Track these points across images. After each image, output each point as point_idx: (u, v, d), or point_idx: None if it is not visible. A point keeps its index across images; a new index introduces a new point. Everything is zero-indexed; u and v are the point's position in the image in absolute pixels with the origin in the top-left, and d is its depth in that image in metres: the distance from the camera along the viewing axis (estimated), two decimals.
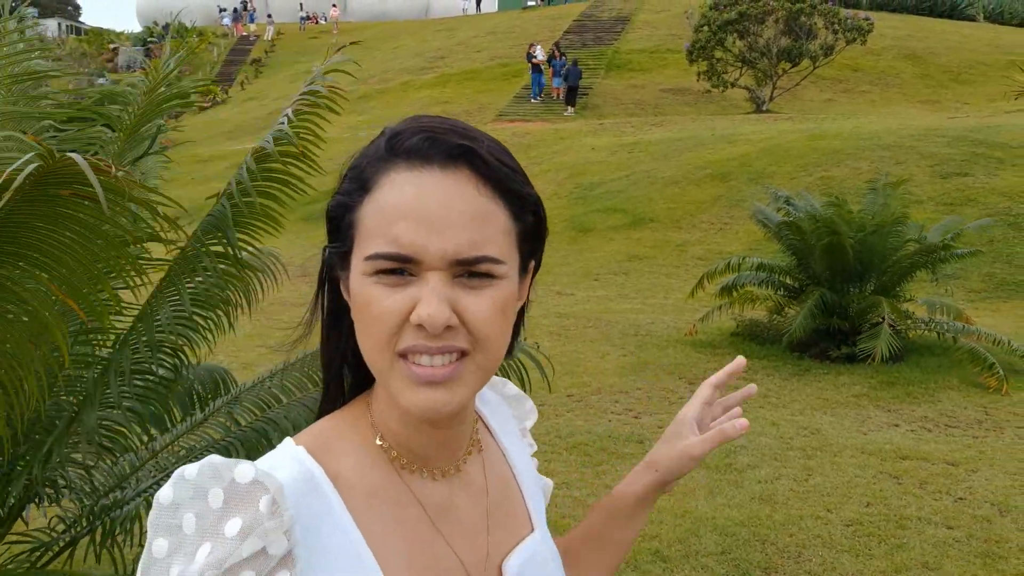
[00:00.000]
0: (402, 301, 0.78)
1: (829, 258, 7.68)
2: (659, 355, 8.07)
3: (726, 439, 1.05)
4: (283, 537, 0.76)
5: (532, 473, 1.05)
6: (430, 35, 38.47)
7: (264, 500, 0.75)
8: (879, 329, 7.09)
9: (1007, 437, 5.89)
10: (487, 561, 0.91)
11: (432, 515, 0.88)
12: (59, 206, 1.73)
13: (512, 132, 21.37)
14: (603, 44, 31.00)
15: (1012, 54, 26.96)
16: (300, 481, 0.81)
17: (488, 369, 0.83)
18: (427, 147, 0.80)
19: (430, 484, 0.89)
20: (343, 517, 0.82)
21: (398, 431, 0.87)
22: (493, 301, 0.80)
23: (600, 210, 14.98)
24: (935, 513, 4.64)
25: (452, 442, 0.90)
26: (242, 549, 0.74)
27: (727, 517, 4.60)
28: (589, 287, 11.82)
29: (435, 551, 0.87)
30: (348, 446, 0.87)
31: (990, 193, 12.56)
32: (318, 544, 0.79)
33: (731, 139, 17.10)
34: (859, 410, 6.56)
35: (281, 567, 0.76)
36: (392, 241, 0.78)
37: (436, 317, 0.76)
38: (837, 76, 26.63)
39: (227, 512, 0.75)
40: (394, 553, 0.83)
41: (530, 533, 0.97)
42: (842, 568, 4.05)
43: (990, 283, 10.71)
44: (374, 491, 0.85)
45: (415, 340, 0.78)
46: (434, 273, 0.78)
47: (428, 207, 0.78)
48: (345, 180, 0.84)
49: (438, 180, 0.79)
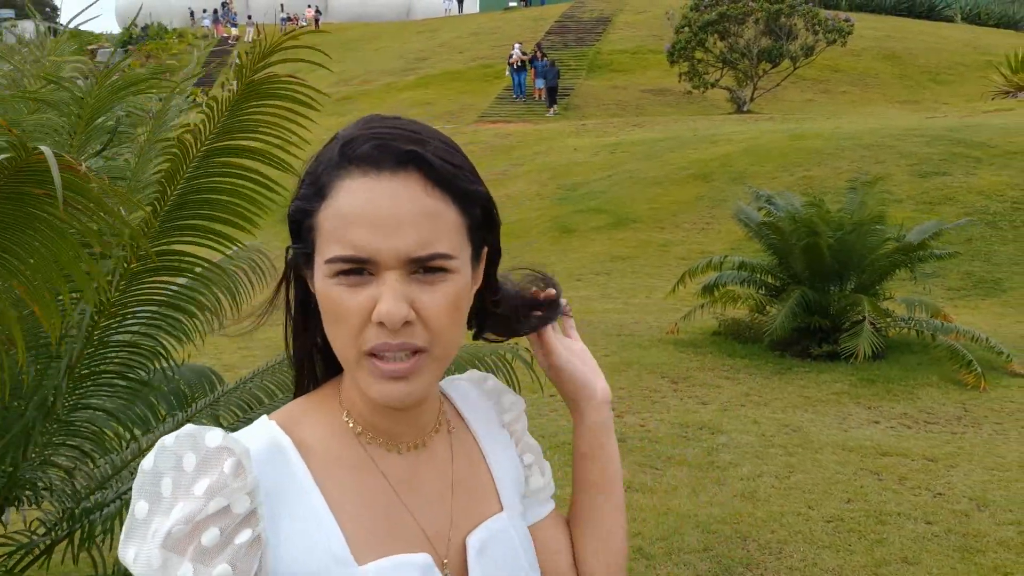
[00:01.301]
0: (363, 301, 0.84)
1: (808, 257, 7.73)
2: (641, 354, 8.10)
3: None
4: (246, 497, 0.83)
5: (511, 461, 1.07)
6: (412, 36, 38.44)
7: (229, 463, 0.83)
8: (861, 327, 7.15)
9: (985, 433, 5.96)
10: (451, 531, 0.96)
11: (395, 485, 0.93)
12: (32, 207, 1.71)
13: (494, 133, 21.40)
14: (585, 45, 31.09)
15: (989, 55, 27.23)
16: (268, 449, 0.88)
17: (444, 358, 0.89)
18: (377, 154, 0.85)
19: (394, 457, 0.95)
20: (307, 482, 0.88)
21: (364, 411, 0.93)
22: (446, 295, 0.86)
23: (582, 211, 15.02)
24: (914, 508, 4.68)
25: (416, 420, 0.96)
26: (208, 506, 0.81)
27: (709, 515, 4.63)
28: (572, 288, 11.84)
29: (396, 518, 0.92)
30: (316, 421, 0.94)
31: (968, 192, 12.69)
32: (281, 505, 0.86)
33: (713, 139, 17.19)
34: (840, 407, 6.61)
35: (244, 525, 0.83)
36: (348, 245, 0.83)
37: (394, 314, 0.82)
38: (817, 76, 26.83)
39: (198, 474, 0.82)
40: (355, 516, 0.89)
41: (497, 512, 1.01)
42: (823, 564, 4.08)
43: (969, 281, 10.82)
44: (338, 459, 0.91)
45: (378, 340, 0.84)
46: (390, 272, 0.84)
47: (380, 211, 0.83)
48: (303, 185, 0.90)
49: (388, 185, 0.84)
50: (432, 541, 0.94)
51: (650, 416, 6.37)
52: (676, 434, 5.96)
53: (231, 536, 0.82)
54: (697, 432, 6.01)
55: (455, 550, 0.96)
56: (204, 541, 0.81)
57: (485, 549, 0.97)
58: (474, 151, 20.03)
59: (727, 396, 6.91)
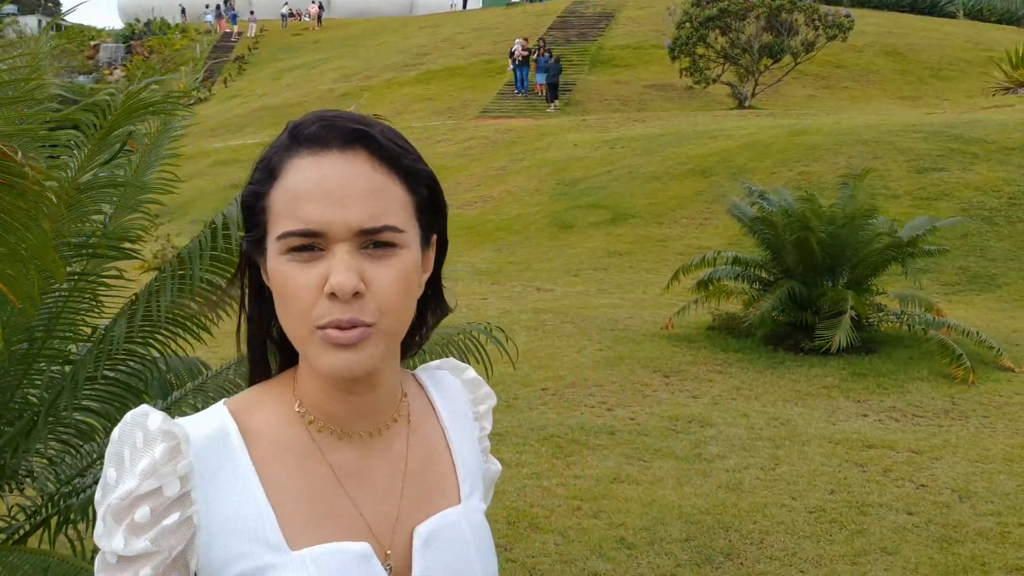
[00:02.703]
0: (315, 275, 0.86)
1: (800, 252, 7.77)
2: (635, 349, 8.14)
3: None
4: (177, 481, 0.88)
5: (474, 453, 1.09)
6: (414, 31, 38.45)
7: (162, 447, 0.88)
8: (840, 320, 7.20)
9: (972, 426, 5.99)
10: (397, 524, 0.96)
11: (339, 474, 0.94)
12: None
13: (495, 128, 21.42)
14: (587, 40, 31.08)
15: (991, 51, 27.17)
16: (211, 435, 0.92)
17: (393, 334, 0.92)
18: (325, 133, 0.89)
19: (344, 446, 0.96)
20: (247, 468, 0.91)
21: (317, 397, 0.95)
22: (396, 269, 0.88)
23: (581, 206, 15.05)
24: (897, 500, 4.73)
25: (368, 408, 0.97)
26: (142, 486, 0.87)
27: (693, 505, 4.68)
28: (568, 283, 11.89)
29: (337, 506, 0.93)
30: (268, 408, 0.96)
31: (964, 188, 12.70)
32: (218, 490, 0.90)
33: (712, 135, 17.20)
34: (829, 401, 6.65)
35: (174, 507, 0.88)
36: (300, 219, 0.86)
37: (345, 284, 0.84)
38: (818, 72, 26.80)
39: (142, 452, 0.88)
40: (295, 503, 0.91)
41: (454, 505, 1.02)
42: (803, 553, 4.13)
43: (963, 276, 10.84)
44: (285, 447, 0.94)
45: (329, 315, 0.86)
46: (341, 245, 0.86)
47: (330, 185, 0.87)
48: (256, 171, 0.93)
49: (337, 161, 0.88)
50: (375, 531, 0.95)
51: (640, 409, 6.41)
52: (665, 427, 6.01)
53: (160, 516, 0.87)
54: (686, 425, 6.05)
55: (401, 542, 0.96)
56: (136, 517, 0.87)
57: (432, 541, 0.97)
58: (474, 146, 20.08)
59: (718, 390, 6.96)
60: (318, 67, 34.79)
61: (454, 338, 3.05)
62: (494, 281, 12.00)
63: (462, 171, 18.34)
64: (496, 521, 4.45)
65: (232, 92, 34.68)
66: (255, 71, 37.51)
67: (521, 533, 4.35)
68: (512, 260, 13.35)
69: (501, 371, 6.08)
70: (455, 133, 21.46)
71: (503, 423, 6.01)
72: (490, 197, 16.57)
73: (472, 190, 17.15)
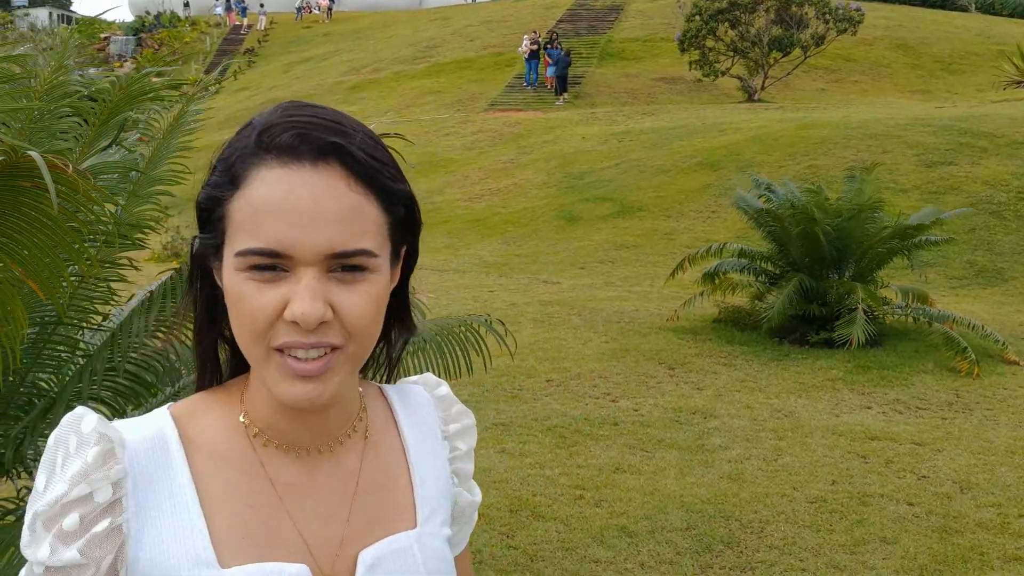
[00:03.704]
0: (275, 298, 0.80)
1: (806, 245, 7.79)
2: (640, 341, 8.17)
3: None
4: (109, 487, 0.83)
5: (440, 474, 1.02)
6: (424, 24, 38.43)
7: (95, 451, 0.83)
8: (855, 315, 7.21)
9: (975, 418, 6.01)
10: (341, 547, 0.90)
11: (281, 491, 0.89)
12: (22, 196, 1.84)
13: (503, 121, 21.44)
14: (596, 33, 31.01)
15: (1003, 44, 27.03)
16: (149, 440, 0.87)
17: (359, 358, 0.86)
18: (297, 143, 0.81)
19: (288, 462, 0.90)
20: (183, 478, 0.86)
21: (264, 412, 0.89)
22: (367, 295, 0.82)
23: (589, 199, 15.07)
24: (898, 491, 4.76)
25: (320, 426, 0.91)
26: (72, 492, 0.82)
27: (695, 495, 4.71)
28: (575, 275, 11.92)
29: (275, 525, 0.88)
30: (212, 417, 0.90)
31: (973, 182, 12.67)
32: (152, 498, 0.85)
33: (721, 128, 17.19)
34: (834, 393, 6.67)
35: (105, 513, 0.83)
36: (262, 238, 0.79)
37: (310, 315, 0.78)
38: (829, 66, 26.70)
39: (75, 456, 0.83)
40: (230, 519, 0.86)
41: (407, 529, 0.95)
42: (802, 542, 4.16)
43: (971, 270, 10.83)
44: (224, 459, 0.88)
45: (288, 337, 0.80)
46: (307, 269, 0.79)
47: (299, 204, 0.79)
48: (215, 172, 0.85)
49: (308, 177, 0.80)
50: (314, 553, 0.88)
51: (644, 401, 6.45)
52: (669, 418, 6.04)
53: (90, 524, 0.82)
54: (690, 416, 6.08)
55: (345, 564, 0.90)
56: (65, 525, 0.82)
57: (376, 567, 0.90)
58: (482, 139, 20.10)
59: (723, 382, 6.98)
60: (328, 60, 34.83)
61: (454, 329, 3.08)
62: (501, 274, 12.04)
63: (470, 164, 18.38)
64: (498, 509, 4.50)
65: (241, 84, 34.76)
66: (265, 64, 37.59)
67: (523, 521, 4.39)
68: (519, 253, 13.38)
69: (506, 362, 6.13)
70: (463, 126, 21.48)
71: (507, 413, 6.06)
72: (498, 190, 16.59)
73: (480, 183, 17.18)
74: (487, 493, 4.71)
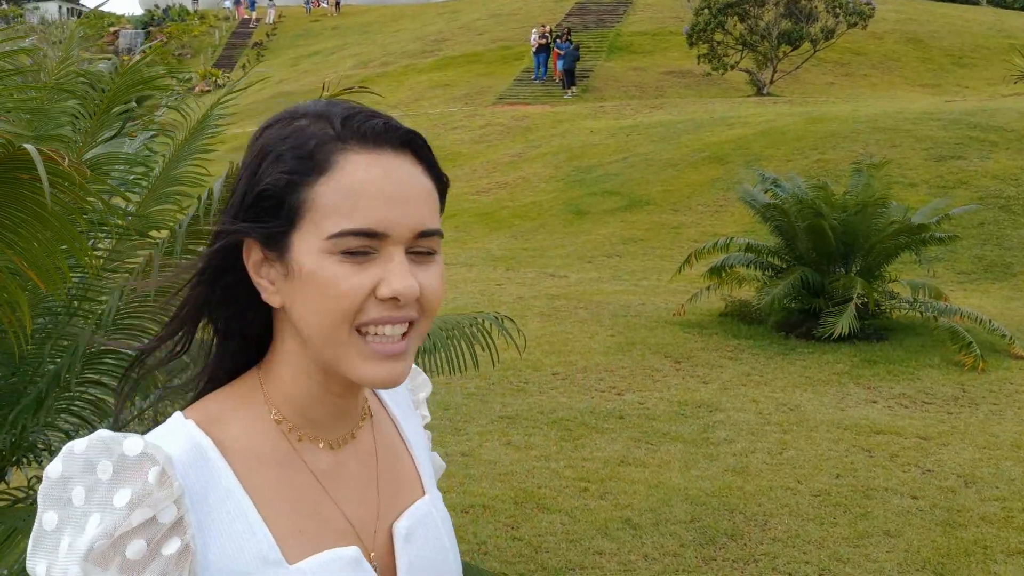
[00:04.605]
0: (368, 278, 0.83)
1: (813, 239, 7.78)
2: (647, 335, 8.19)
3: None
4: (173, 506, 0.81)
5: (423, 442, 1.08)
6: (432, 18, 38.44)
7: (153, 471, 0.80)
8: (846, 307, 7.22)
9: (981, 413, 6.01)
10: (377, 522, 0.95)
11: (322, 480, 0.92)
12: (22, 187, 1.86)
13: (511, 115, 21.43)
14: (605, 27, 30.95)
15: (1013, 38, 26.89)
16: (189, 452, 0.85)
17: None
18: (384, 131, 0.86)
19: (321, 452, 0.93)
20: (232, 483, 0.86)
21: (303, 404, 0.91)
22: (437, 274, 0.88)
23: (596, 193, 15.07)
24: (902, 484, 4.77)
25: (349, 412, 0.95)
26: (132, 518, 0.78)
27: (699, 488, 4.73)
28: (582, 269, 11.93)
29: (325, 513, 0.91)
30: (238, 418, 0.90)
31: (982, 176, 12.63)
32: (208, 510, 0.84)
33: (729, 122, 17.15)
34: (839, 387, 6.68)
35: (172, 533, 0.81)
36: (361, 218, 0.83)
37: (410, 290, 0.83)
38: (838, 59, 26.60)
39: (116, 483, 0.79)
40: (282, 514, 0.88)
41: (421, 497, 1.01)
42: (806, 535, 4.18)
43: (979, 265, 10.80)
44: (262, 457, 0.89)
45: (379, 313, 0.84)
46: (397, 248, 0.84)
47: (394, 186, 0.84)
48: (289, 159, 0.86)
49: (395, 162, 0.86)
50: (359, 533, 0.93)
51: (650, 394, 6.46)
52: (674, 412, 6.06)
53: (158, 547, 0.80)
54: (695, 410, 6.10)
55: (381, 540, 0.95)
56: (129, 554, 0.78)
57: (411, 536, 0.96)
58: (490, 133, 20.10)
59: (728, 376, 6.99)
60: (336, 53, 34.87)
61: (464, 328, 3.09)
62: (508, 267, 12.06)
63: (478, 158, 18.38)
64: (503, 501, 4.53)
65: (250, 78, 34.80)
66: (273, 57, 37.64)
67: (528, 513, 4.42)
68: (527, 247, 13.39)
69: (512, 356, 6.14)
70: (471, 120, 21.48)
71: (514, 407, 6.08)
72: (505, 184, 16.60)
73: (487, 176, 17.19)
74: (493, 485, 4.74)
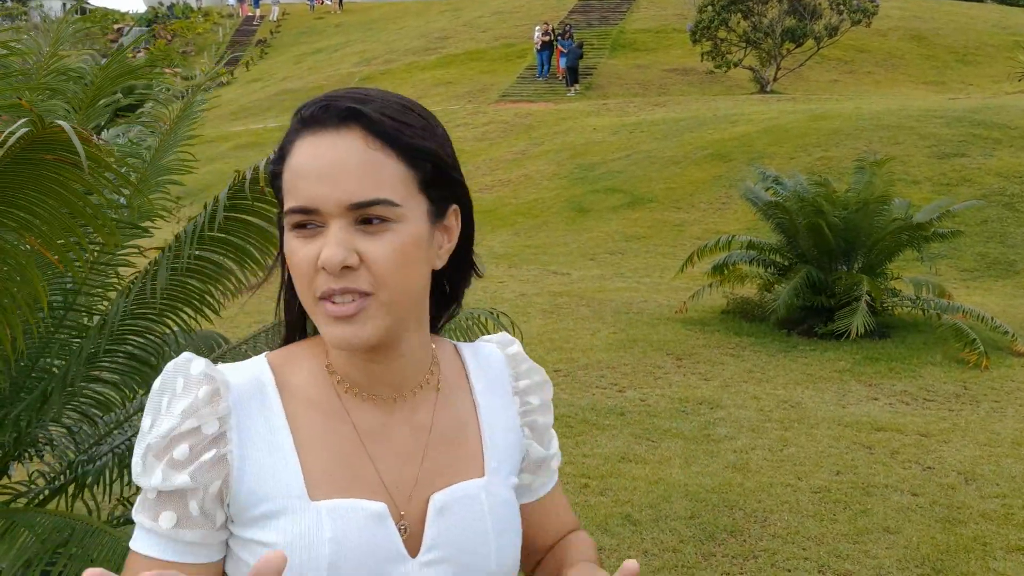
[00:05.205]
0: (312, 250, 0.91)
1: (814, 237, 7.78)
2: (649, 332, 8.19)
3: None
4: (216, 421, 0.94)
5: (510, 428, 1.10)
6: (435, 15, 38.43)
7: (204, 389, 0.94)
8: (857, 306, 7.21)
9: (983, 410, 6.01)
10: (415, 488, 1.00)
11: (362, 436, 0.99)
12: (44, 169, 1.88)
13: (515, 112, 21.42)
14: (608, 24, 30.93)
15: (1018, 35, 26.84)
16: (250, 383, 0.98)
17: (394, 304, 0.93)
18: (321, 113, 0.93)
19: (367, 409, 1.00)
20: (279, 419, 0.97)
21: (341, 361, 1.00)
22: (391, 244, 0.91)
23: (599, 190, 15.07)
24: (902, 481, 4.77)
25: (389, 375, 1.01)
26: (183, 425, 0.92)
27: (699, 484, 4.74)
28: (585, 267, 11.94)
29: (357, 464, 0.97)
30: (303, 365, 1.01)
31: (986, 174, 12.60)
32: (252, 436, 0.95)
33: (732, 119, 17.13)
34: (841, 384, 6.68)
35: (212, 445, 0.93)
36: (298, 196, 0.91)
37: (332, 258, 0.89)
38: (842, 57, 26.55)
39: (181, 396, 0.94)
40: (318, 457, 0.96)
41: (476, 478, 1.03)
42: (806, 531, 4.18)
43: (983, 262, 10.79)
44: (313, 403, 0.99)
45: (325, 284, 0.91)
46: (335, 221, 0.90)
47: (323, 164, 0.90)
48: (275, 152, 0.99)
49: (332, 140, 0.91)
50: (391, 492, 0.98)
51: (651, 391, 6.47)
52: (675, 408, 6.06)
53: (199, 453, 0.92)
54: (696, 407, 6.11)
55: (417, 505, 0.99)
56: (175, 454, 0.92)
57: (446, 510, 0.99)
58: (493, 130, 20.10)
59: (730, 373, 7.00)
60: (340, 51, 34.87)
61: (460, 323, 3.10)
62: (511, 264, 12.07)
63: (481, 155, 18.39)
64: None
65: (254, 76, 34.84)
66: (277, 55, 37.66)
67: None
68: (529, 244, 13.40)
69: None
70: (475, 117, 21.49)
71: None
72: (508, 181, 16.61)
73: (490, 174, 17.19)
74: None
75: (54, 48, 3.27)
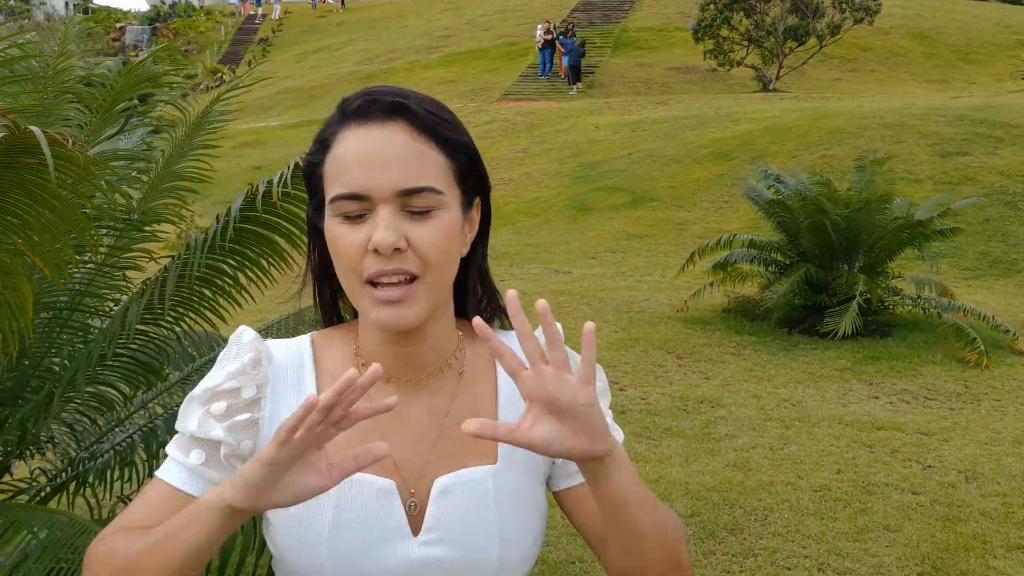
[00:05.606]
0: (361, 234, 0.97)
1: (815, 236, 7.78)
2: (649, 331, 8.20)
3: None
4: (254, 387, 1.04)
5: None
6: (437, 14, 38.42)
7: (248, 357, 1.05)
8: (849, 306, 7.22)
9: (983, 409, 6.01)
10: (424, 468, 1.05)
11: (379, 416, 1.00)
12: (27, 172, 1.88)
13: (517, 111, 21.42)
14: (610, 22, 30.94)
15: (1021, 34, 26.81)
16: (291, 358, 1.09)
17: (438, 287, 1.00)
18: (367, 106, 0.99)
19: (389, 390, 1.06)
20: (311, 391, 1.06)
21: (371, 344, 1.07)
22: (436, 228, 0.98)
23: (601, 189, 15.07)
24: (903, 480, 4.77)
25: (413, 359, 1.07)
26: (225, 384, 1.03)
27: (700, 483, 4.75)
28: (587, 265, 11.94)
29: (371, 442, 0.98)
30: (336, 347, 1.10)
31: (988, 172, 12.59)
32: (285, 405, 1.05)
33: (734, 118, 17.12)
34: (842, 383, 6.68)
35: (246, 408, 1.04)
36: (346, 184, 0.97)
37: (385, 239, 0.94)
38: (845, 55, 26.54)
39: (233, 360, 1.05)
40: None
41: (487, 464, 1.05)
42: (806, 530, 4.19)
43: (984, 261, 10.78)
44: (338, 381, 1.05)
45: (374, 267, 0.96)
46: (384, 206, 0.96)
47: (372, 152, 0.97)
48: (313, 144, 1.05)
49: (379, 132, 0.98)
50: (401, 472, 1.03)
51: (652, 390, 6.48)
52: (676, 407, 6.07)
53: (233, 412, 1.02)
54: (697, 405, 6.11)
55: (424, 487, 1.03)
56: (213, 408, 1.02)
57: (449, 493, 1.02)
58: (496, 129, 20.10)
59: (731, 371, 7.00)
60: (342, 49, 34.88)
61: None
62: (512, 263, 12.07)
63: (483, 153, 17.26)
64: None
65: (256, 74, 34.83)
66: (279, 53, 37.66)
67: None
68: (531, 243, 13.40)
69: None
70: (477, 115, 21.48)
71: None
72: (510, 179, 16.61)
73: (492, 172, 16.74)
74: None
75: (62, 47, 3.28)
